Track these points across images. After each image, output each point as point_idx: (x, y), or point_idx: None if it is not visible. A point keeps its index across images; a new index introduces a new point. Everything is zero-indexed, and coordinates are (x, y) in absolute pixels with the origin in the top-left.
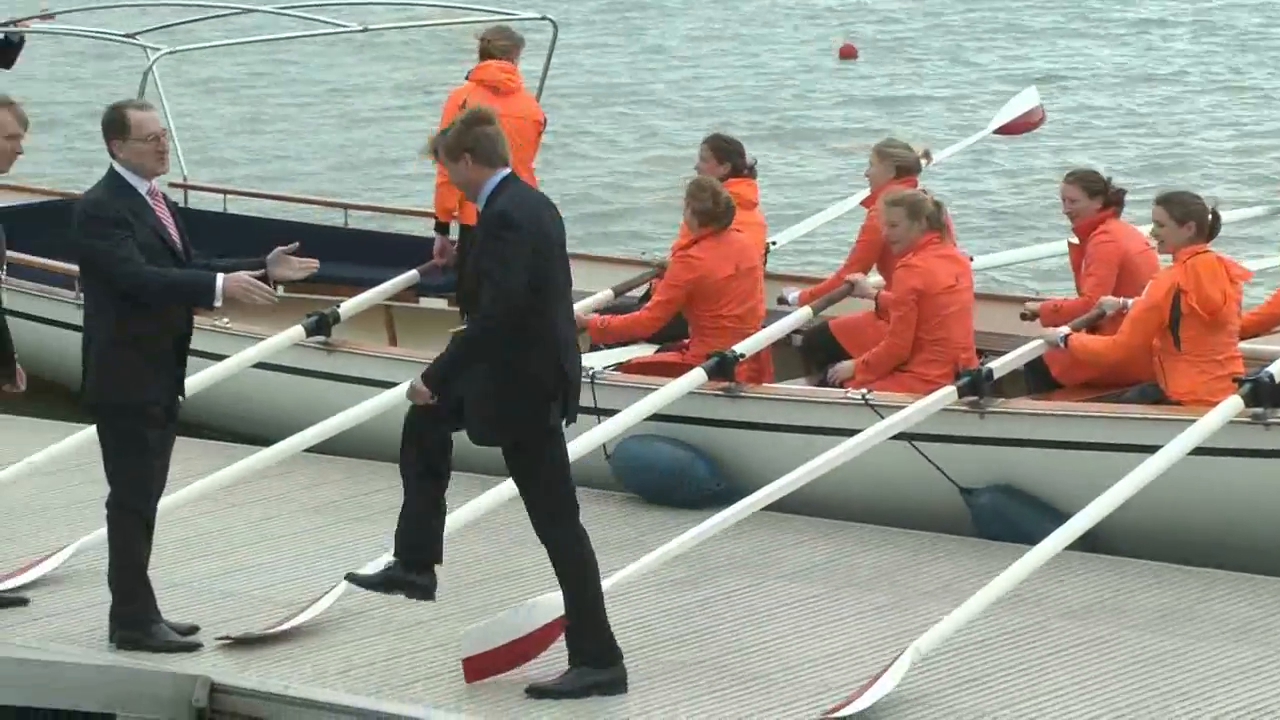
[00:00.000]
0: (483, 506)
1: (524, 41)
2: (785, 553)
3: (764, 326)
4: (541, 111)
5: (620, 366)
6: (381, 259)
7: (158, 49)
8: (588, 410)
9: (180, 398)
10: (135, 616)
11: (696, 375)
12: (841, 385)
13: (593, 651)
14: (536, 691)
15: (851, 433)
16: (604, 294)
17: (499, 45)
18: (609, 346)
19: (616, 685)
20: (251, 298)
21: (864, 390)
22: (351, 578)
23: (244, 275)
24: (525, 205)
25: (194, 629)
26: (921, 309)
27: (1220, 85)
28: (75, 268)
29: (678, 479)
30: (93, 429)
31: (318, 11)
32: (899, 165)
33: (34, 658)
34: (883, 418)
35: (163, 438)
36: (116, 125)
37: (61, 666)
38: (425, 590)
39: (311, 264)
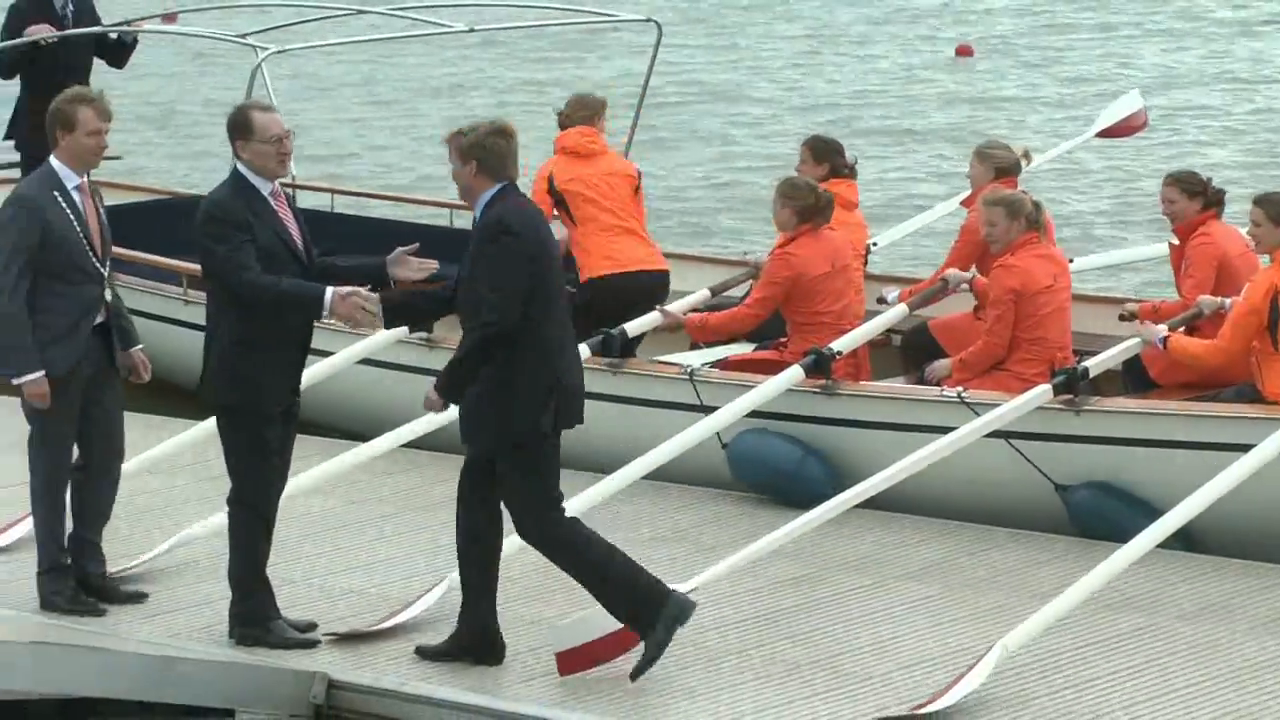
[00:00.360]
0: (593, 500)
1: (605, 102)
2: (898, 552)
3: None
4: (633, 165)
5: (718, 364)
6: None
7: (266, 49)
8: (691, 407)
9: (299, 397)
10: (255, 613)
11: (794, 372)
12: (938, 383)
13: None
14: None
15: (947, 430)
16: (701, 293)
17: (579, 116)
18: (708, 344)
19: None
20: (356, 317)
21: (960, 388)
22: (421, 651)
23: (354, 294)
24: (522, 214)
25: (312, 626)
26: (1019, 308)
27: None
28: (181, 264)
29: (793, 479)
30: (203, 426)
31: (425, 13)
32: (998, 166)
33: (156, 654)
34: (978, 415)
35: (282, 437)
36: (240, 126)
37: (183, 663)
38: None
39: (431, 264)
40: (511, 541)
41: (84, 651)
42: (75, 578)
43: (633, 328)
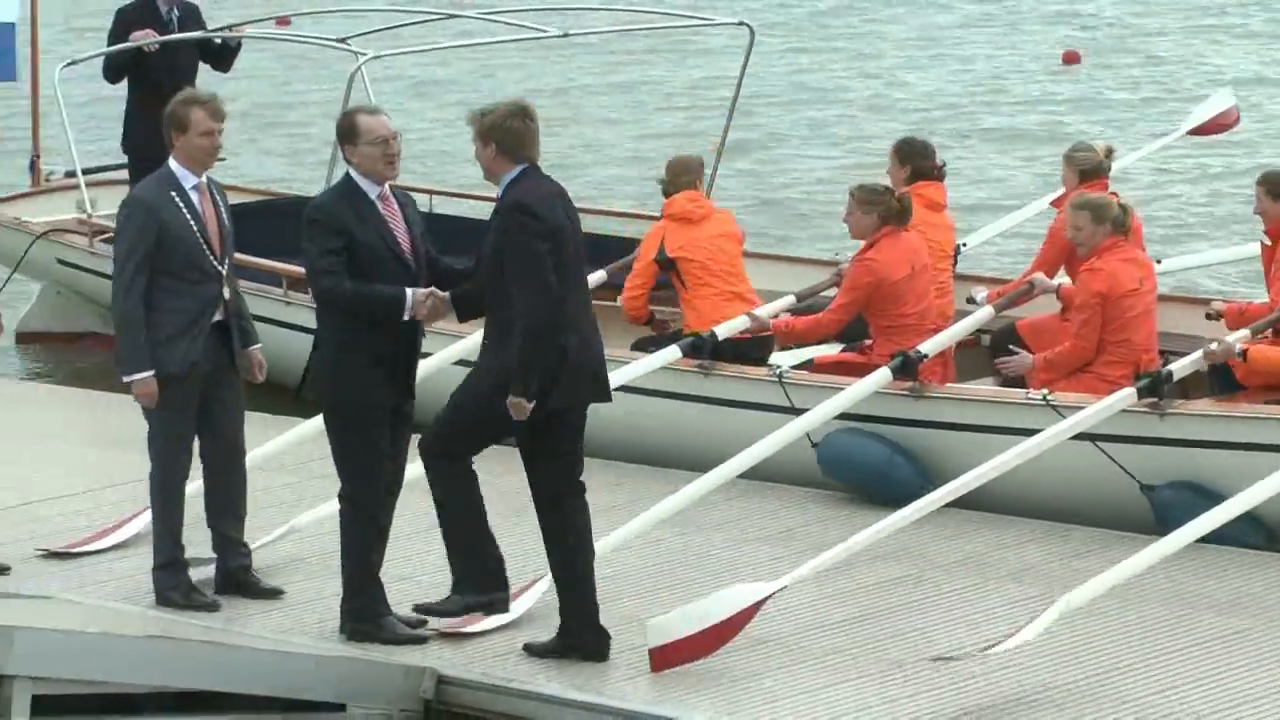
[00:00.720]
0: (690, 498)
1: (703, 161)
2: (1005, 553)
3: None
4: (739, 227)
5: (806, 365)
6: (589, 259)
7: (364, 54)
8: (780, 409)
9: (411, 398)
10: (366, 610)
11: (881, 375)
12: (1020, 377)
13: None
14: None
15: (1032, 432)
16: (787, 299)
17: (683, 181)
18: (796, 347)
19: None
20: (437, 316)
21: (1045, 391)
22: (528, 648)
23: (432, 294)
24: (541, 195)
25: (423, 622)
26: (1105, 311)
27: None
28: (281, 266)
29: (882, 478)
30: (310, 424)
31: (520, 17)
32: (1082, 169)
33: (270, 648)
34: (1064, 418)
35: (394, 438)
36: (347, 130)
37: (297, 657)
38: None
39: None
40: (607, 543)
41: (199, 646)
42: (218, 575)
43: (723, 330)
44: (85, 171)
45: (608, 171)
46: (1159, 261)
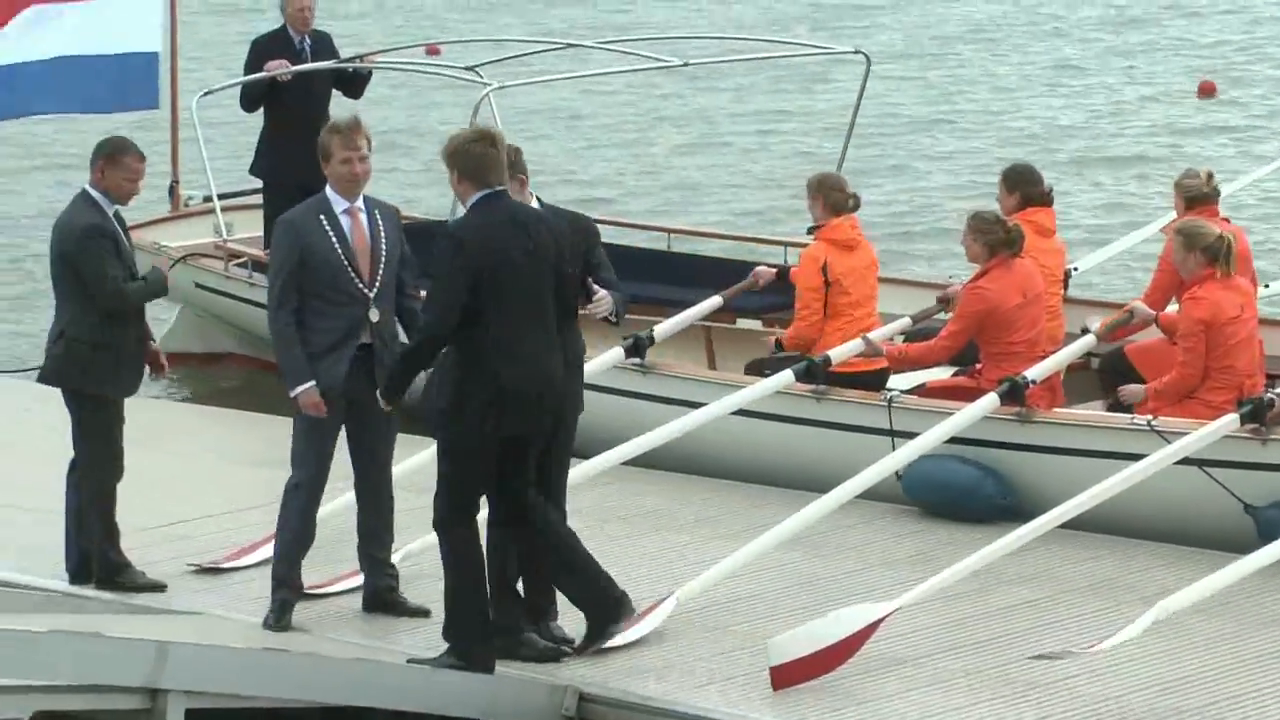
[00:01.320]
0: (803, 522)
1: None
2: (1074, 567)
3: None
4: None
5: (916, 390)
6: (702, 281)
7: (489, 83)
8: (882, 432)
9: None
10: (506, 626)
11: (989, 401)
12: (1131, 406)
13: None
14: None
15: (1137, 457)
16: (902, 322)
17: (837, 198)
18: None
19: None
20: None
21: (1150, 417)
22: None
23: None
24: (484, 226)
25: (568, 640)
26: (1209, 338)
27: None
28: None
29: (967, 495)
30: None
31: (643, 47)
32: (1187, 196)
33: (417, 664)
34: (1168, 443)
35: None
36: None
37: (443, 674)
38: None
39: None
40: (733, 562)
41: (348, 663)
42: (365, 594)
43: (836, 355)
44: (221, 197)
45: (727, 196)
46: (1266, 285)
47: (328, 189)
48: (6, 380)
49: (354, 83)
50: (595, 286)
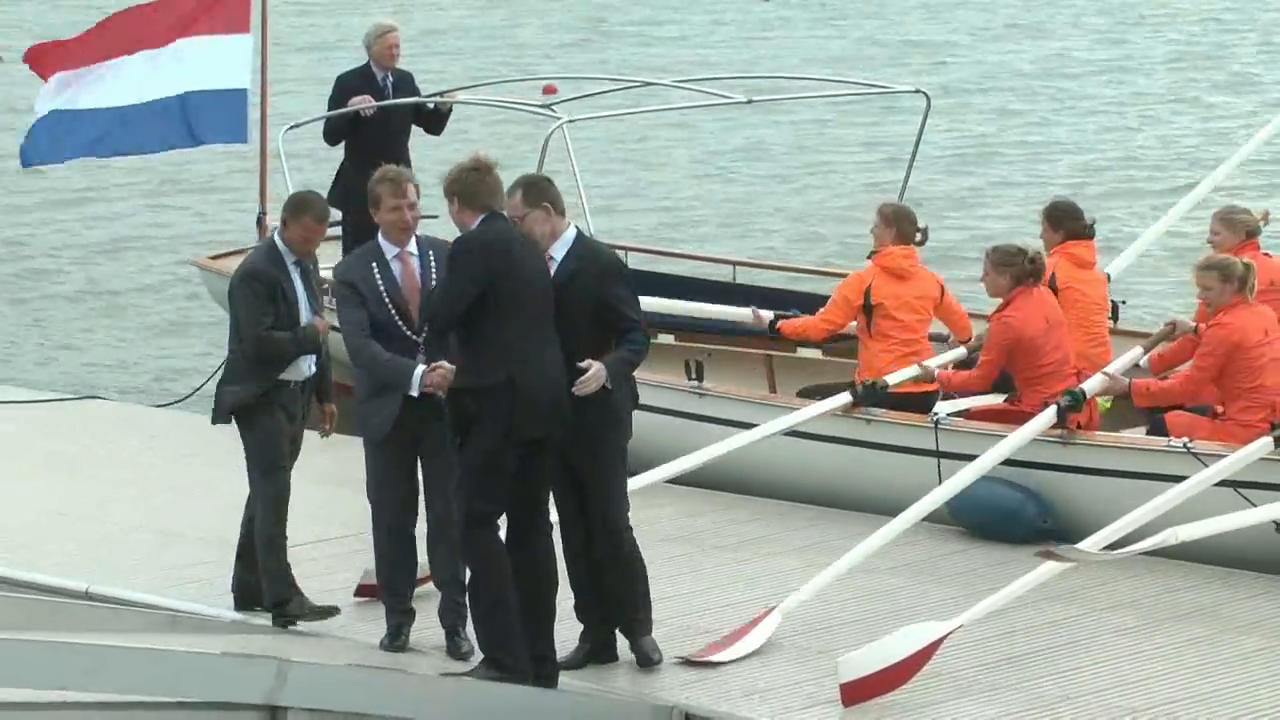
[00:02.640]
0: (875, 545)
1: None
2: (1168, 595)
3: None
4: (938, 279)
5: (962, 413)
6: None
7: (559, 117)
8: (928, 453)
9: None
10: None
11: (1048, 415)
12: (1163, 426)
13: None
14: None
15: (1174, 478)
16: (959, 351)
17: (904, 229)
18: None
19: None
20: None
21: (1185, 440)
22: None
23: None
24: (490, 234)
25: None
26: (1236, 362)
27: None
28: None
29: (1010, 519)
30: None
31: (709, 84)
32: (1249, 230)
33: (520, 687)
34: (1205, 465)
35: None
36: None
37: (550, 695)
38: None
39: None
40: (811, 587)
41: (461, 682)
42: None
43: (893, 379)
44: None
45: (791, 228)
46: None
47: (380, 235)
48: (146, 410)
49: (434, 119)
50: (581, 364)
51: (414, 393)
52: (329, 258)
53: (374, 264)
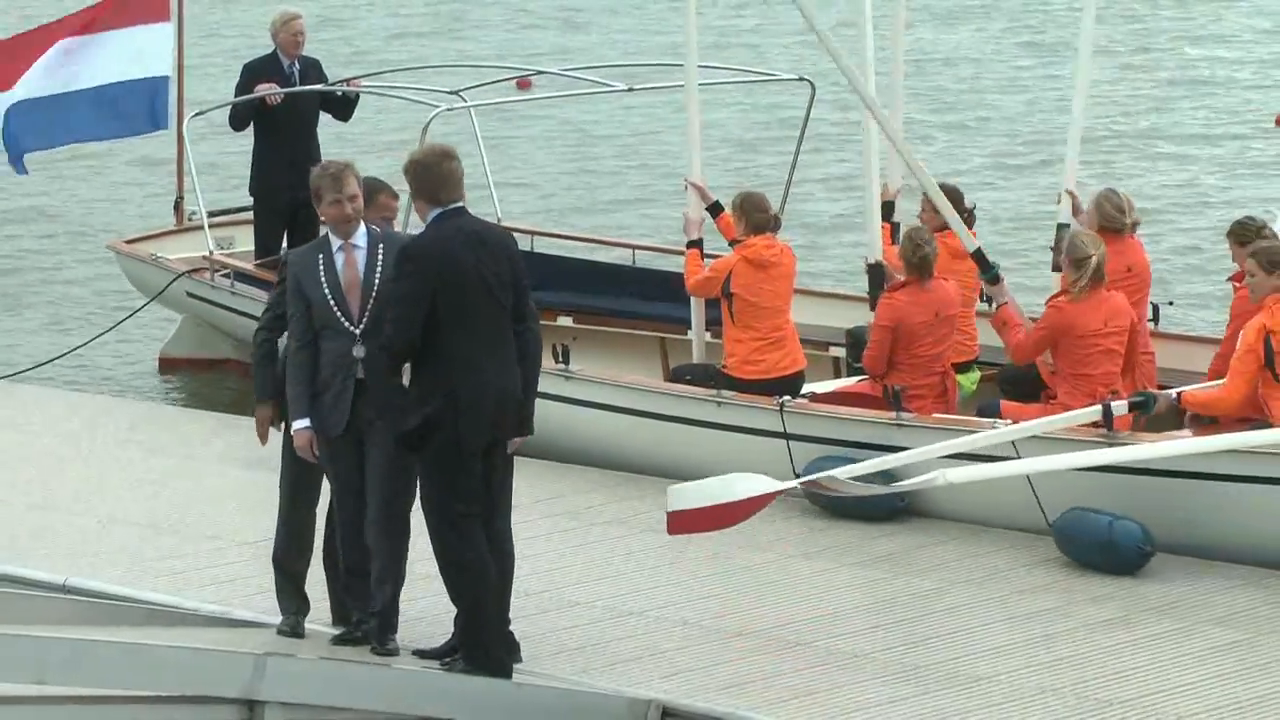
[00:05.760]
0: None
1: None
2: (1205, 597)
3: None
4: (792, 253)
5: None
6: (664, 295)
7: (438, 106)
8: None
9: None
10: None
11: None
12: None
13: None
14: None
15: (996, 460)
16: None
17: (759, 219)
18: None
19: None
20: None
21: (1008, 421)
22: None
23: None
24: (439, 241)
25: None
26: (1067, 347)
27: None
28: None
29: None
30: None
31: (591, 73)
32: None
33: (502, 681)
34: (1019, 451)
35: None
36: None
37: (529, 689)
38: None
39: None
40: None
41: (438, 675)
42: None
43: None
44: (220, 213)
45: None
46: None
47: (326, 227)
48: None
49: (343, 106)
50: None
51: (293, 429)
52: (247, 242)
53: (320, 254)
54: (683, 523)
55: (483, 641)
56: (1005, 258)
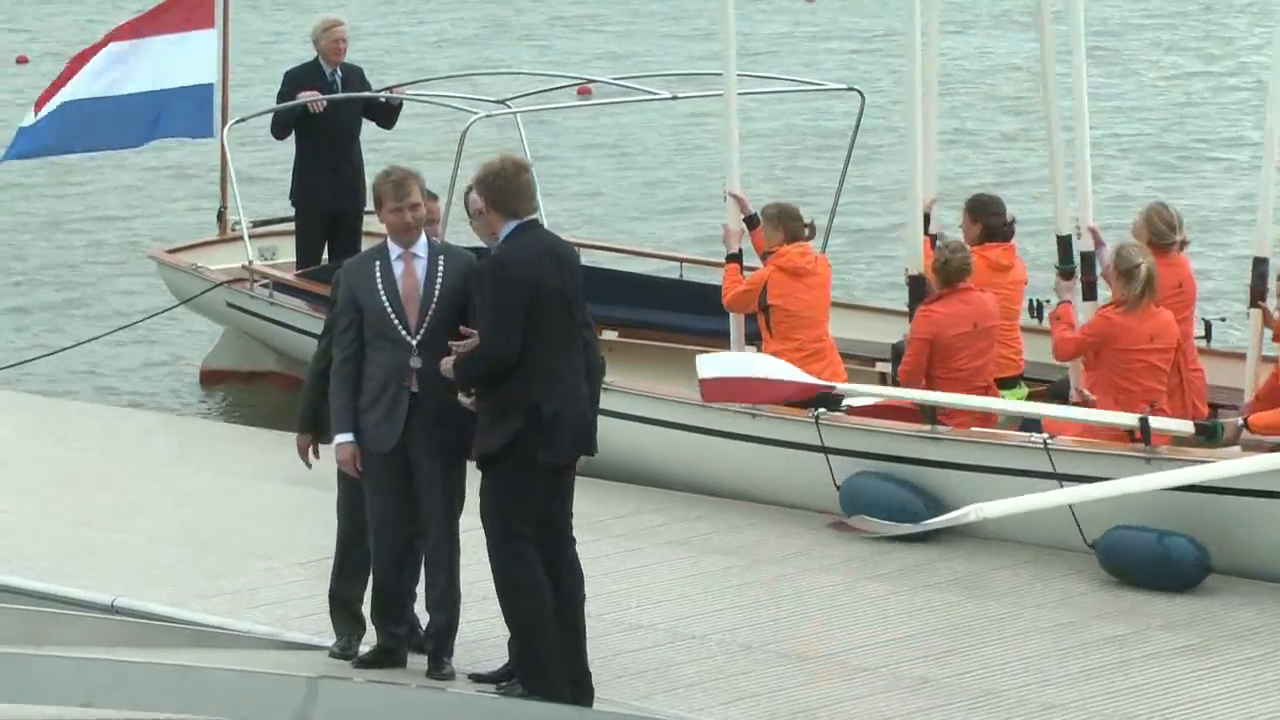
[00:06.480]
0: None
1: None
2: (1223, 614)
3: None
4: (828, 264)
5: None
6: (709, 309)
7: (475, 113)
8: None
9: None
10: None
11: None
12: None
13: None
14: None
15: (1032, 474)
16: None
17: (794, 228)
18: None
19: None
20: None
21: (1046, 436)
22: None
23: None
24: (525, 252)
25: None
26: (1111, 358)
27: None
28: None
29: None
30: None
31: (639, 82)
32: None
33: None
34: (1054, 464)
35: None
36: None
37: (588, 715)
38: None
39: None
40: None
41: (493, 700)
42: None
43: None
44: (263, 223)
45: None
46: None
47: (388, 236)
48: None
49: (386, 113)
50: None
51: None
52: (290, 252)
53: (377, 263)
54: (714, 391)
55: (540, 665)
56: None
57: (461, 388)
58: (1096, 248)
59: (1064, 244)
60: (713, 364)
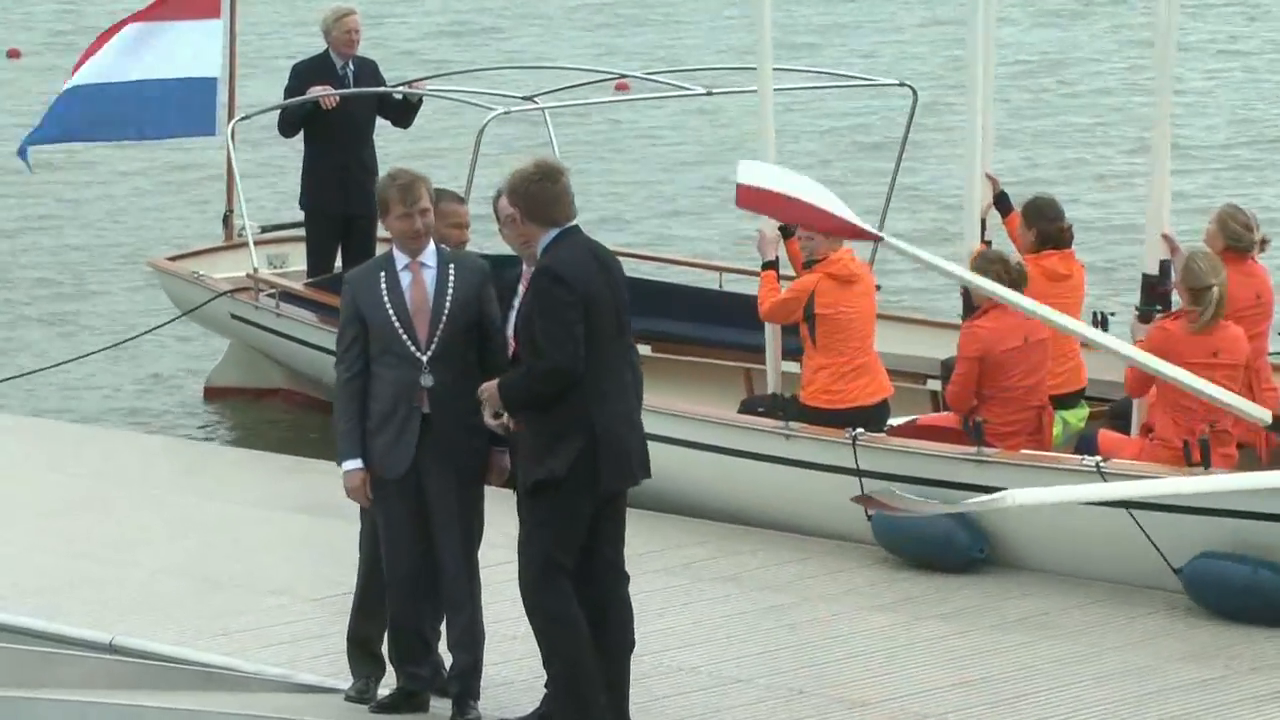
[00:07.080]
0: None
1: None
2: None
3: None
4: (872, 274)
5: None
6: (749, 321)
7: (493, 109)
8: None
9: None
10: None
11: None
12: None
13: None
14: None
15: None
16: None
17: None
18: None
19: None
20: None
21: (1099, 459)
22: None
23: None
24: (575, 262)
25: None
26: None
27: None
28: None
29: (944, 546)
30: None
31: (671, 77)
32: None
33: None
34: None
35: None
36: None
37: None
38: None
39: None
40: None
41: None
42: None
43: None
44: (273, 228)
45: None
46: None
47: (394, 244)
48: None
49: (403, 111)
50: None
51: (343, 469)
52: (301, 259)
53: (382, 273)
54: (749, 198)
55: (584, 706)
56: (1101, 274)
57: (512, 412)
58: (1172, 254)
59: (1149, 285)
60: (758, 171)
